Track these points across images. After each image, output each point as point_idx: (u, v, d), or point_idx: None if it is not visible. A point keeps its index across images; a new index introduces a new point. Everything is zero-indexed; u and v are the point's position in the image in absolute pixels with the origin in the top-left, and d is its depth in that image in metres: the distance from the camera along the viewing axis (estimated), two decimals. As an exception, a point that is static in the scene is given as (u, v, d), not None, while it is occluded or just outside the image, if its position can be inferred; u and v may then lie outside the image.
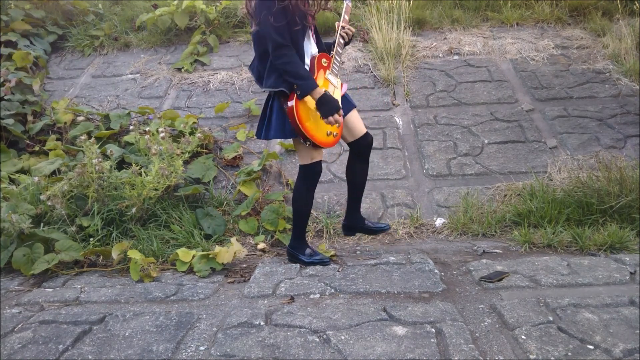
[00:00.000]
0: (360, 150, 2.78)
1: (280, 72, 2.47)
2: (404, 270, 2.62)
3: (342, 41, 2.64)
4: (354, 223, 2.95)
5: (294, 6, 2.40)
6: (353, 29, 2.67)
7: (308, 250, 2.82)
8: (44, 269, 2.73)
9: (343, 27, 2.63)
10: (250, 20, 2.58)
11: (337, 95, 2.63)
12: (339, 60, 2.66)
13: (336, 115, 2.45)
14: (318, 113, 2.50)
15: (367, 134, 2.75)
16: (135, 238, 3.08)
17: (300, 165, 2.70)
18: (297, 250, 2.82)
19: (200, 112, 4.52)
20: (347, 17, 2.65)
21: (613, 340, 1.92)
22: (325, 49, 2.69)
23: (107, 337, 2.11)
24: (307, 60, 2.58)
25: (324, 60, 2.62)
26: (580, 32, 5.22)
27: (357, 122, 2.74)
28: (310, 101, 2.50)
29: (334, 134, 2.59)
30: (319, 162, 2.67)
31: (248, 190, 3.46)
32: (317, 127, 2.52)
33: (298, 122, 2.47)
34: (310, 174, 2.68)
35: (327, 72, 2.62)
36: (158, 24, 5.40)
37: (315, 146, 2.58)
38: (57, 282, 2.73)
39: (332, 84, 2.61)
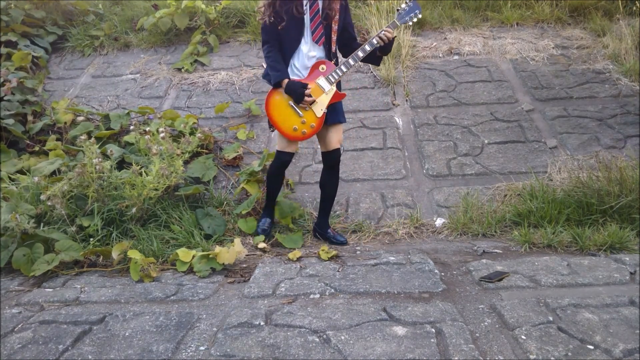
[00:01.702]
0: (326, 161, 3.08)
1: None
2: (404, 270, 2.62)
3: (361, 54, 2.79)
4: (318, 227, 3.25)
5: (284, 10, 2.73)
6: (392, 33, 2.78)
7: (263, 220, 3.23)
8: (44, 270, 2.73)
9: (381, 32, 2.78)
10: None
11: (324, 101, 2.83)
12: (343, 70, 2.82)
13: (306, 98, 2.76)
14: (289, 108, 2.81)
15: (336, 150, 3.01)
16: (135, 238, 3.08)
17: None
18: (261, 217, 3.25)
19: (200, 112, 4.52)
20: (388, 29, 2.79)
21: (613, 340, 1.92)
22: (339, 54, 2.94)
23: (107, 337, 2.11)
24: (307, 61, 2.85)
25: (321, 66, 2.85)
26: (580, 32, 5.22)
27: (333, 136, 2.98)
28: (286, 95, 2.80)
29: (303, 131, 2.81)
30: (289, 154, 2.99)
31: (252, 189, 3.46)
32: (285, 119, 2.82)
33: (266, 109, 2.86)
34: (277, 160, 3.03)
35: (321, 77, 2.81)
36: (159, 25, 5.40)
37: (285, 137, 2.89)
38: (57, 282, 2.73)
39: (321, 88, 2.81)
